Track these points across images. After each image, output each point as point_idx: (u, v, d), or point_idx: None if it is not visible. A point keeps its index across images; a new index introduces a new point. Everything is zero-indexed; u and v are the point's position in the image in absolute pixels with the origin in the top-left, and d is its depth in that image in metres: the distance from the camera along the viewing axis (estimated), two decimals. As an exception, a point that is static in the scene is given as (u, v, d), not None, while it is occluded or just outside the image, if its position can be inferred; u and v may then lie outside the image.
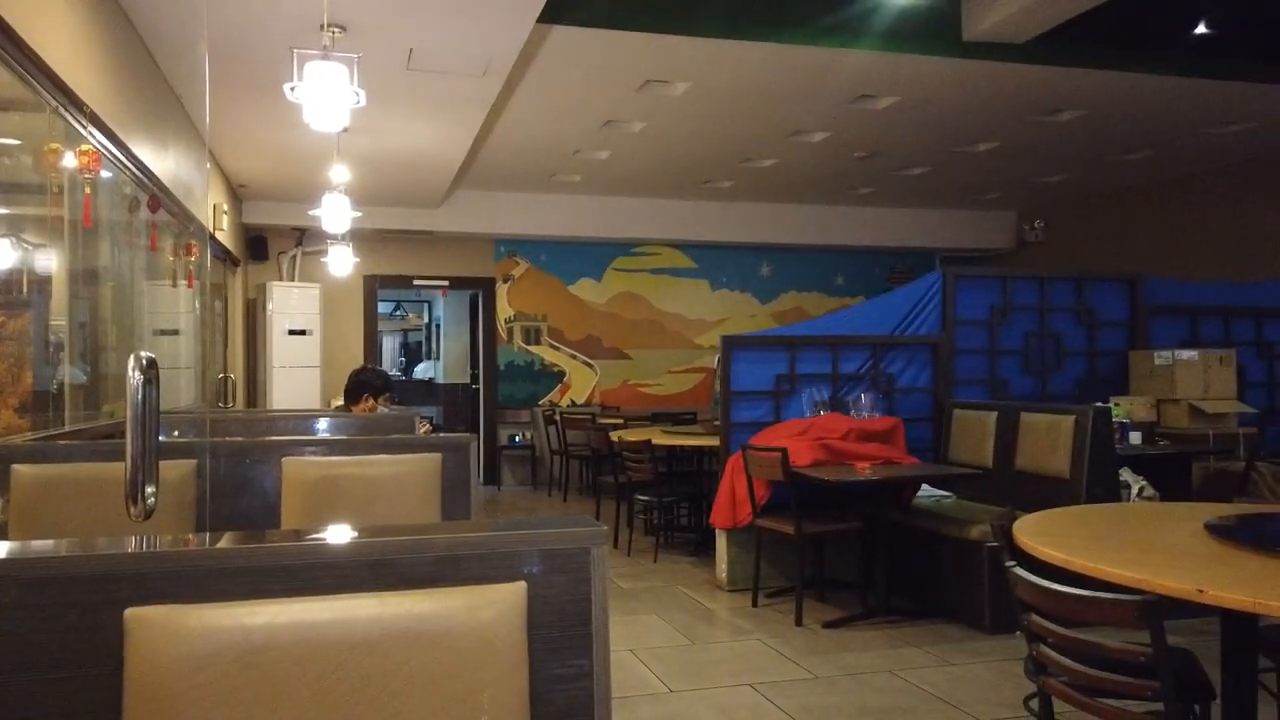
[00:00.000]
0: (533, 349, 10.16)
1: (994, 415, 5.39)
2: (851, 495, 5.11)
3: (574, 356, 10.26)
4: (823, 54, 5.42)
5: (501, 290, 10.08)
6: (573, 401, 10.18)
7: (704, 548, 6.27)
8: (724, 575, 5.46)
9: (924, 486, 5.36)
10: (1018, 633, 2.43)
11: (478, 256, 10.00)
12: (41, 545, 1.33)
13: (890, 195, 9.75)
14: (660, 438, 6.54)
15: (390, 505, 2.72)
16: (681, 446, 6.72)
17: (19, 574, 1.16)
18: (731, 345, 5.62)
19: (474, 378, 10.76)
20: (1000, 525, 2.54)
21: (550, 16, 4.64)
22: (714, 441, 5.95)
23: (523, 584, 1.27)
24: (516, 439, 10.03)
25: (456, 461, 2.85)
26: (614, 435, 6.76)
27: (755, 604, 5.09)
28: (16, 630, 1.14)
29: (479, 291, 10.24)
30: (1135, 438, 5.44)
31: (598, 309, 10.33)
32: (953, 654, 4.26)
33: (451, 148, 6.76)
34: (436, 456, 2.80)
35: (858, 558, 5.18)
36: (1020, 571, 2.15)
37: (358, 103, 3.63)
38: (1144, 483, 5.07)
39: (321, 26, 3.98)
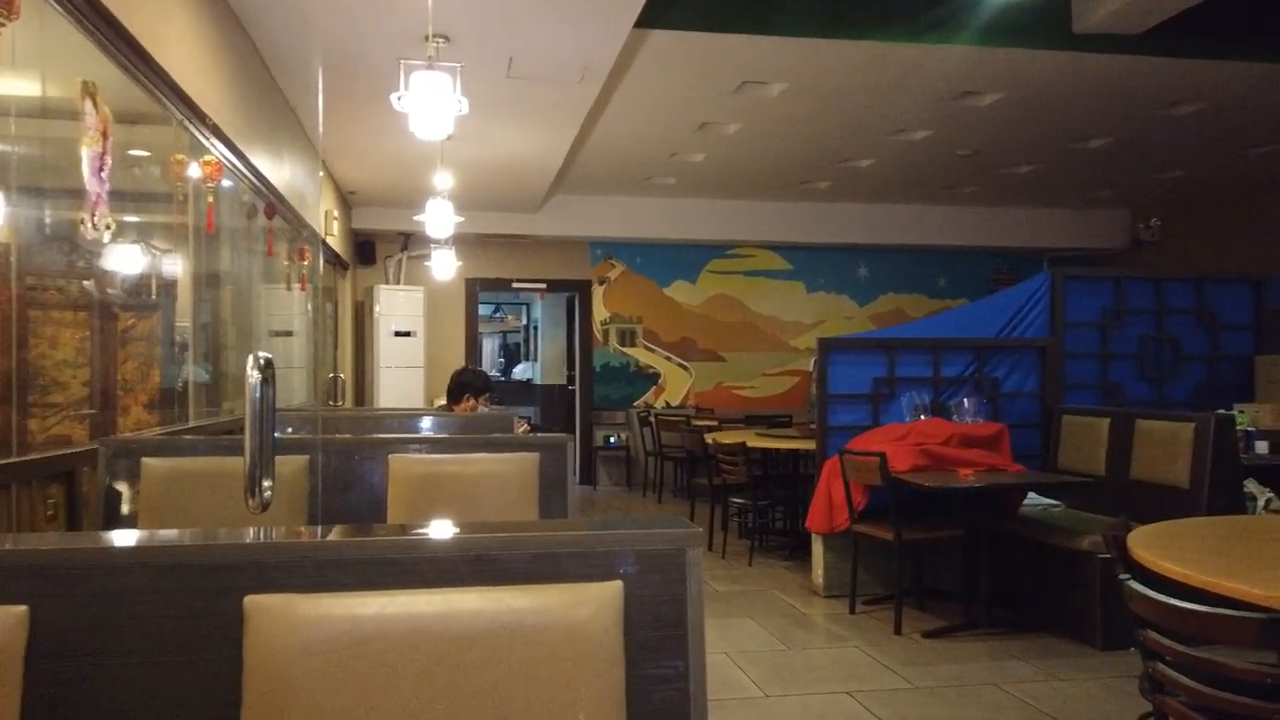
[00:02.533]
0: (628, 351, 10.23)
1: (1107, 422, 5.17)
2: (953, 502, 4.97)
3: (669, 358, 10.29)
4: (924, 51, 5.30)
5: (597, 292, 10.18)
6: (667, 403, 10.21)
7: (799, 552, 6.21)
8: (820, 581, 5.39)
9: (1031, 494, 5.18)
10: (1132, 649, 2.33)
11: (574, 259, 10.13)
12: (168, 534, 1.41)
13: (995, 194, 9.45)
14: (755, 440, 6.49)
15: (490, 502, 2.78)
16: (776, 449, 6.66)
17: (149, 560, 1.24)
18: (828, 347, 5.54)
19: (570, 379, 10.89)
20: (1114, 536, 2.44)
21: (646, 21, 4.67)
22: (810, 445, 5.88)
23: (619, 583, 1.28)
24: (612, 440, 10.11)
25: (554, 461, 2.89)
26: (708, 437, 6.75)
27: (852, 611, 5.01)
28: (146, 614, 1.21)
29: (575, 294, 10.37)
30: (1261, 447, 5.13)
31: (692, 311, 10.32)
32: (1061, 669, 4.10)
33: (550, 153, 6.87)
34: (534, 456, 2.85)
35: (959, 566, 5.04)
36: (1136, 585, 2.06)
37: (460, 111, 3.72)
38: (1270, 494, 4.78)
39: (426, 37, 4.10)
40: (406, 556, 1.28)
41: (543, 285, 10.35)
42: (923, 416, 5.30)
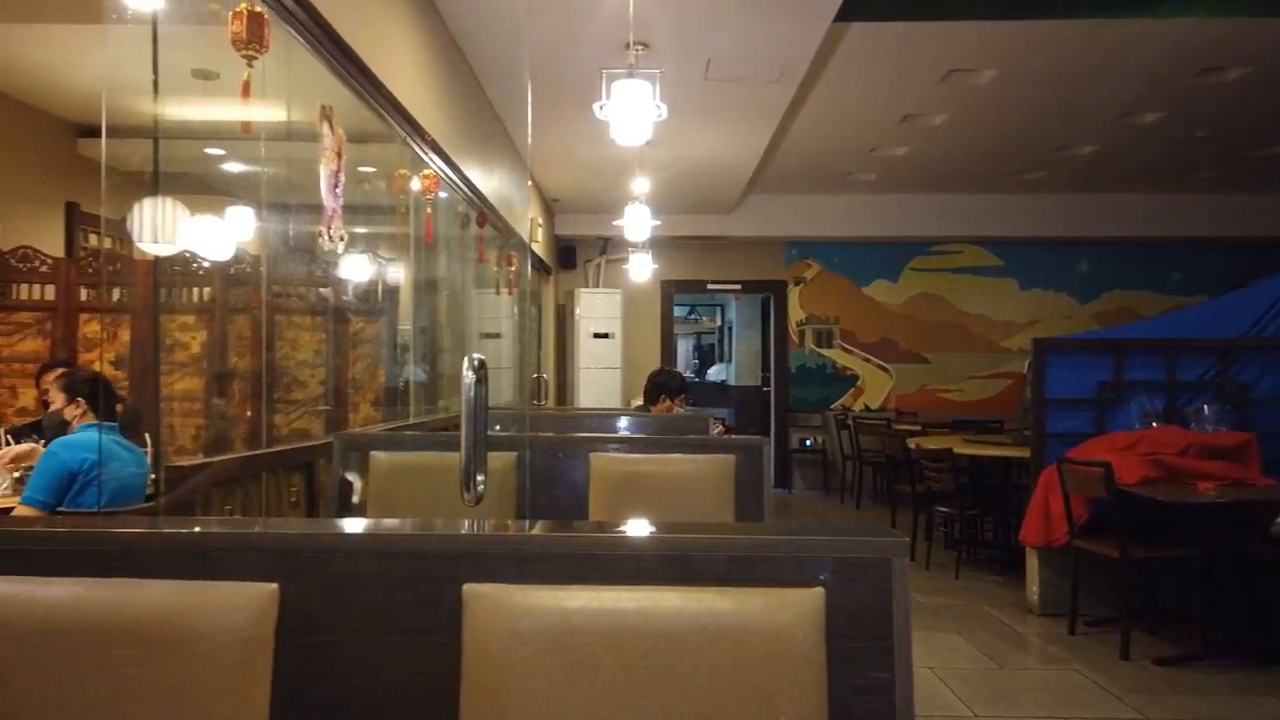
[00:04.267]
0: (825, 352, 10.03)
1: (1381, 433, 4.54)
2: (1191, 519, 4.52)
3: (868, 360, 10.00)
4: (1153, 26, 4.85)
5: (793, 293, 10.05)
6: (866, 406, 9.93)
7: (1011, 566, 5.86)
8: (1035, 597, 5.05)
9: (1285, 513, 4.62)
10: None
11: (769, 259, 10.06)
12: (391, 523, 1.51)
13: (1240, 179, 8.53)
14: (962, 446, 6.19)
15: (686, 502, 2.80)
16: (986, 456, 6.32)
17: (378, 547, 1.34)
18: (1045, 348, 5.19)
19: (765, 380, 10.83)
20: (1393, 564, 2.13)
21: (846, 14, 4.55)
22: (1023, 452, 5.54)
23: (821, 590, 1.26)
24: (808, 443, 9.96)
25: (750, 463, 2.88)
26: (911, 442, 6.50)
27: (1072, 631, 4.66)
28: (376, 596, 1.30)
29: (770, 294, 10.29)
30: None
31: (893, 311, 9.99)
32: (1323, 711, 3.64)
33: (745, 153, 6.85)
34: (730, 457, 2.85)
35: (1197, 588, 4.57)
36: None
37: (660, 116, 3.78)
38: None
39: (627, 45, 4.19)
40: (608, 553, 1.31)
41: (737, 286, 10.34)
42: (1155, 424, 4.85)
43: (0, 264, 5.00)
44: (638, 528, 1.40)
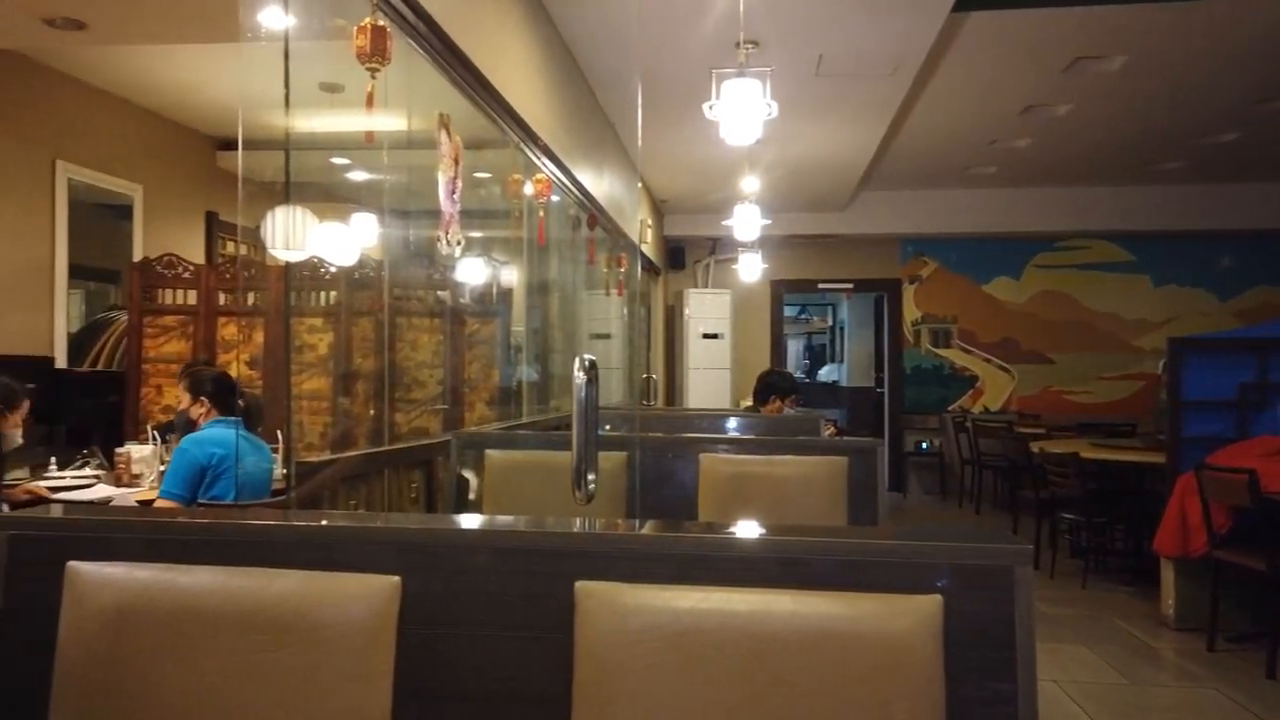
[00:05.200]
0: (941, 352, 9.74)
1: None
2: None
3: (988, 360, 9.65)
4: (1308, 0, 4.52)
5: (908, 291, 9.80)
6: (986, 408, 9.59)
7: (1143, 577, 5.55)
8: (1170, 611, 4.78)
9: None
10: None
11: (883, 258, 9.83)
12: (505, 520, 1.55)
13: (1406, 163, 7.85)
14: (1089, 450, 5.91)
15: (797, 505, 2.77)
16: (1116, 461, 6.01)
17: (493, 543, 1.37)
18: (1181, 348, 4.90)
19: (879, 381, 10.59)
20: None
21: (965, 3, 4.41)
22: (1157, 458, 5.25)
23: (939, 597, 1.22)
24: (924, 445, 9.68)
25: (863, 466, 2.82)
26: (1034, 445, 6.25)
27: (1211, 648, 4.39)
28: (492, 591, 1.34)
29: (884, 293, 10.06)
30: None
31: (1015, 309, 9.61)
32: None
33: (858, 149, 6.72)
34: (843, 460, 2.80)
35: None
36: None
37: (770, 115, 3.74)
38: None
39: (737, 44, 4.17)
40: (717, 554, 1.31)
41: (849, 285, 10.15)
42: (1305, 429, 4.53)
43: (149, 271, 5.36)
44: (747, 529, 1.39)
